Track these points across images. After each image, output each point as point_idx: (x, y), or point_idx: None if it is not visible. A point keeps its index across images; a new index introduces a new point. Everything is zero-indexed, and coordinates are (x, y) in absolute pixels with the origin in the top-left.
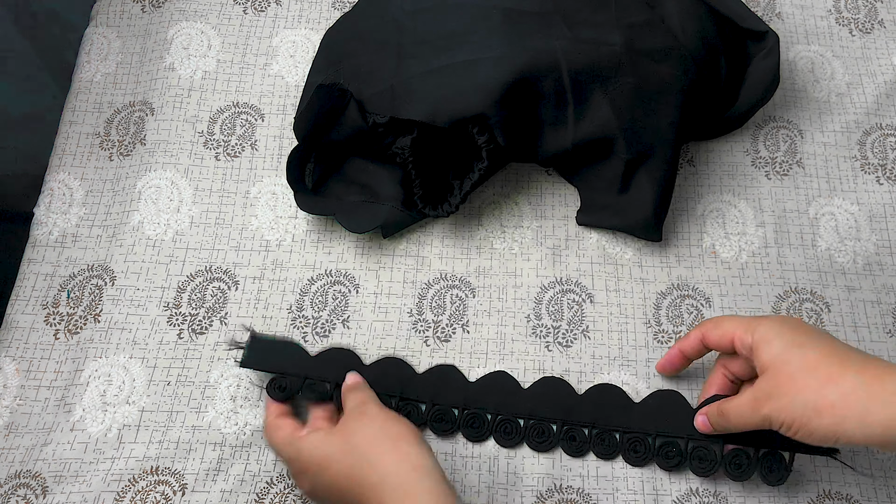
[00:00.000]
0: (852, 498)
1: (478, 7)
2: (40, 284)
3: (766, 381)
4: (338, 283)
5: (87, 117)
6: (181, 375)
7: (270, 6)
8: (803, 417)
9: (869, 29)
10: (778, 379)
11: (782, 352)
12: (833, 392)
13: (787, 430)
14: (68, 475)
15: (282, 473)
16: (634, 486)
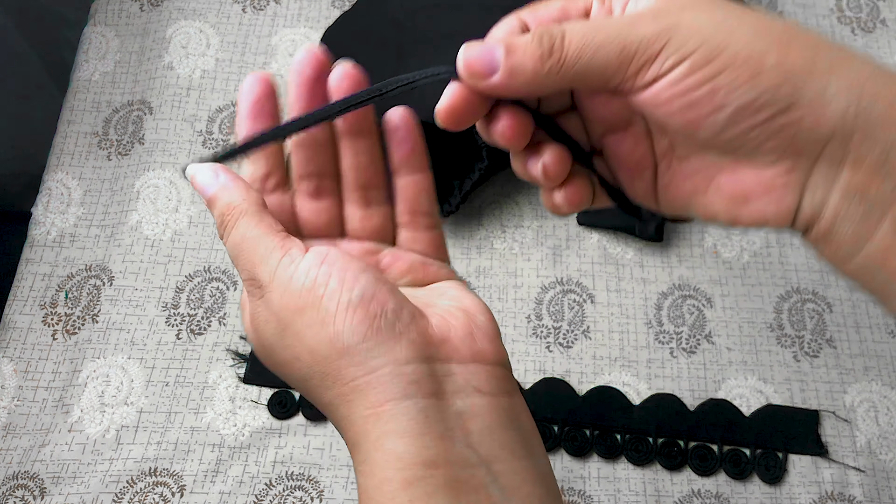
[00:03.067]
0: (854, 499)
1: (478, 6)
2: (38, 284)
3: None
4: None
5: (85, 117)
6: (180, 376)
7: (269, 5)
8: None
9: (871, 28)
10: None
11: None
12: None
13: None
14: (66, 476)
15: (281, 475)
16: (636, 488)
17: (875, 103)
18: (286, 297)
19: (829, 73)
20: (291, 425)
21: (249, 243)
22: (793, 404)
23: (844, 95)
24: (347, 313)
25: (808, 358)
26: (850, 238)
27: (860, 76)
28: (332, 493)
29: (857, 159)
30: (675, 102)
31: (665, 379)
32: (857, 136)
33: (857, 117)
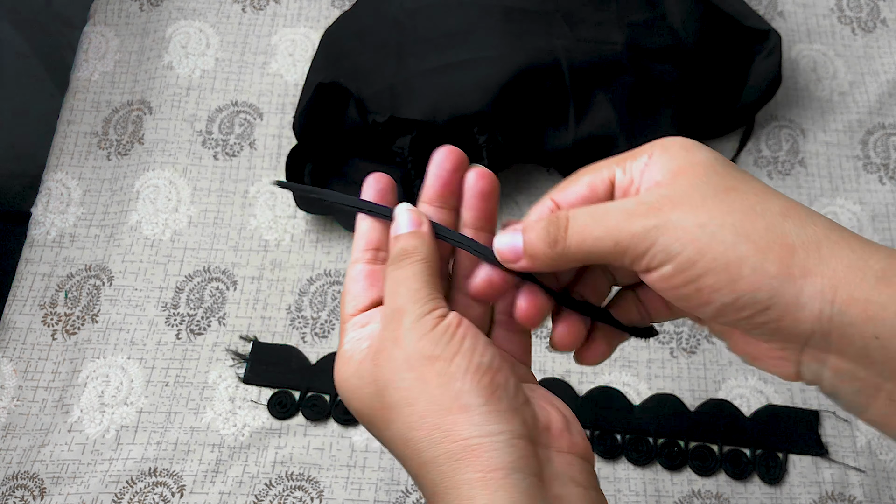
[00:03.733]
0: (854, 499)
1: (478, 6)
2: (38, 284)
3: (665, 188)
4: (337, 284)
5: (84, 116)
6: (179, 376)
7: (269, 4)
8: (726, 246)
9: (871, 28)
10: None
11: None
12: (792, 227)
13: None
14: (66, 476)
15: (280, 475)
16: (636, 488)
17: (848, 308)
18: (423, 342)
19: (804, 278)
20: (291, 425)
21: (414, 283)
22: (793, 404)
23: (818, 300)
24: (476, 374)
25: None
26: (853, 402)
27: (834, 279)
28: (332, 493)
29: (840, 350)
30: (670, 293)
31: (665, 379)
32: (835, 335)
33: (831, 320)
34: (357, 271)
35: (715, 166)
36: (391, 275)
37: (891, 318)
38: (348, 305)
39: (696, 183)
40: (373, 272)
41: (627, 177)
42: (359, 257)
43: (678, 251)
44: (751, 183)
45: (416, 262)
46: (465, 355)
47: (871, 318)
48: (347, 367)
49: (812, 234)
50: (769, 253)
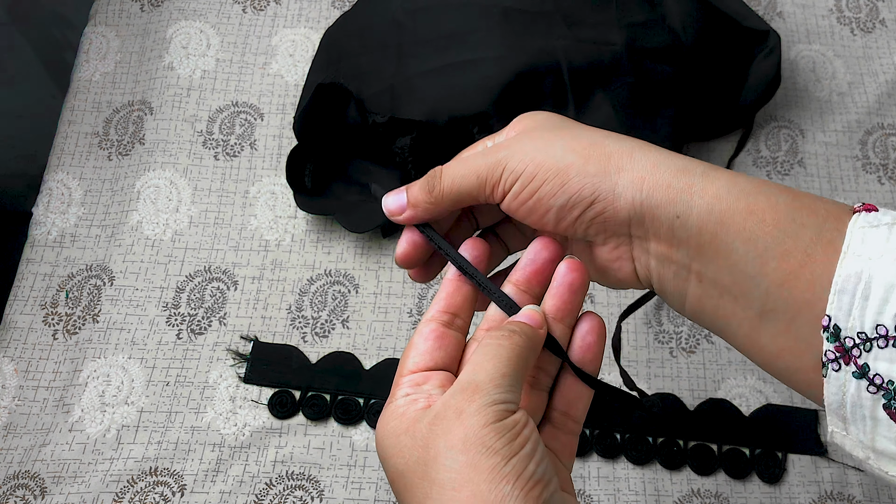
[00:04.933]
0: (854, 498)
1: (478, 6)
2: (39, 284)
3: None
4: (337, 283)
5: (85, 117)
6: (180, 376)
7: (270, 5)
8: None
9: (870, 28)
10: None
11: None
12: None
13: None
14: (67, 476)
15: (281, 475)
16: (636, 487)
17: (653, 192)
18: (486, 431)
19: (618, 173)
20: (292, 425)
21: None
22: (792, 404)
23: (630, 190)
24: (528, 483)
25: None
26: (675, 291)
27: (643, 172)
28: (332, 493)
29: (655, 234)
30: (520, 210)
31: (665, 379)
32: (647, 218)
33: (642, 205)
34: (428, 330)
35: (553, 119)
36: (488, 344)
37: (686, 200)
38: (410, 361)
39: (534, 128)
40: (443, 335)
41: (492, 141)
42: (435, 317)
43: (522, 169)
44: (582, 126)
45: (515, 347)
46: (523, 460)
47: (672, 199)
48: (398, 422)
49: (627, 145)
50: (590, 159)
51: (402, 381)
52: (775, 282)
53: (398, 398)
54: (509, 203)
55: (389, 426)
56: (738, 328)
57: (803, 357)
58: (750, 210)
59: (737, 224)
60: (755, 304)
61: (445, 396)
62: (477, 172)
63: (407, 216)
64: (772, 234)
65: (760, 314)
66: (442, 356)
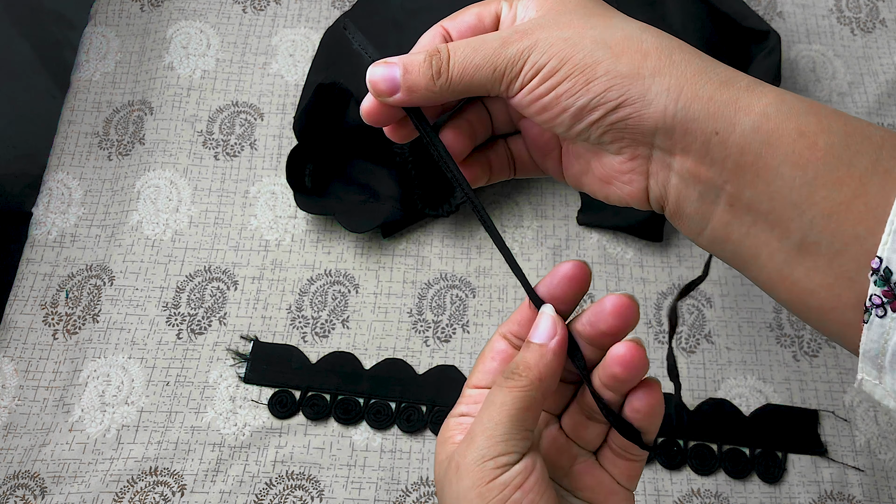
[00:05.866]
0: (853, 498)
1: None
2: (39, 284)
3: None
4: (337, 283)
5: (85, 117)
6: (180, 376)
7: (270, 5)
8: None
9: (870, 28)
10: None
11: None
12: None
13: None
14: (67, 476)
15: (281, 475)
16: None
17: (691, 104)
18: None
19: (653, 77)
20: (292, 425)
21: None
22: (792, 404)
23: (664, 97)
24: None
25: (807, 357)
26: (695, 215)
27: (681, 79)
28: (332, 493)
29: (684, 149)
30: (533, 106)
31: (665, 379)
32: (678, 131)
33: (675, 116)
34: (499, 347)
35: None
36: (493, 391)
37: (730, 115)
38: (476, 374)
39: (563, 11)
40: (508, 354)
41: (511, 13)
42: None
43: (544, 62)
44: (618, 13)
45: (516, 390)
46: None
47: (712, 114)
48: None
49: (667, 44)
50: (622, 56)
51: (466, 394)
52: (823, 212)
53: (456, 415)
54: (522, 98)
55: (439, 447)
56: (769, 260)
57: (842, 296)
58: (800, 131)
59: (785, 146)
60: (795, 235)
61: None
62: (494, 64)
63: (398, 99)
64: (823, 159)
65: (799, 247)
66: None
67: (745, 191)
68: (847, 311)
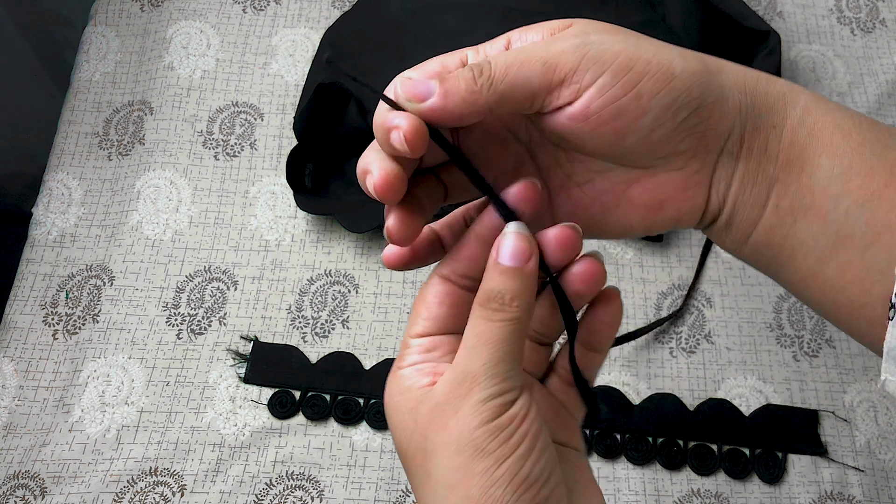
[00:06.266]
0: (854, 498)
1: (478, 6)
2: (39, 284)
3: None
4: (337, 284)
5: (85, 117)
6: (180, 376)
7: (270, 5)
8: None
9: (870, 28)
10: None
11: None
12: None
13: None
14: (67, 476)
15: (281, 475)
16: (636, 487)
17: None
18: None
19: (720, 72)
20: (292, 425)
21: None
22: (792, 404)
23: (736, 92)
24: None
25: (807, 358)
26: (745, 222)
27: (740, 75)
28: (332, 493)
29: (748, 150)
30: (605, 112)
31: (665, 379)
32: (749, 127)
33: (747, 111)
34: (439, 290)
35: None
36: (477, 324)
37: (782, 108)
38: (418, 323)
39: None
40: (457, 299)
41: (481, 56)
42: (451, 277)
43: (612, 59)
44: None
45: (506, 323)
46: (517, 461)
47: (770, 108)
48: (403, 398)
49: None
50: (687, 55)
51: (411, 344)
52: (857, 200)
53: (405, 368)
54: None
55: (396, 400)
56: (803, 261)
57: (872, 290)
58: (836, 124)
59: (825, 137)
60: (831, 229)
61: (445, 384)
62: (544, 57)
63: (432, 105)
64: (857, 150)
65: (835, 241)
66: (452, 322)
67: (790, 186)
68: (876, 307)
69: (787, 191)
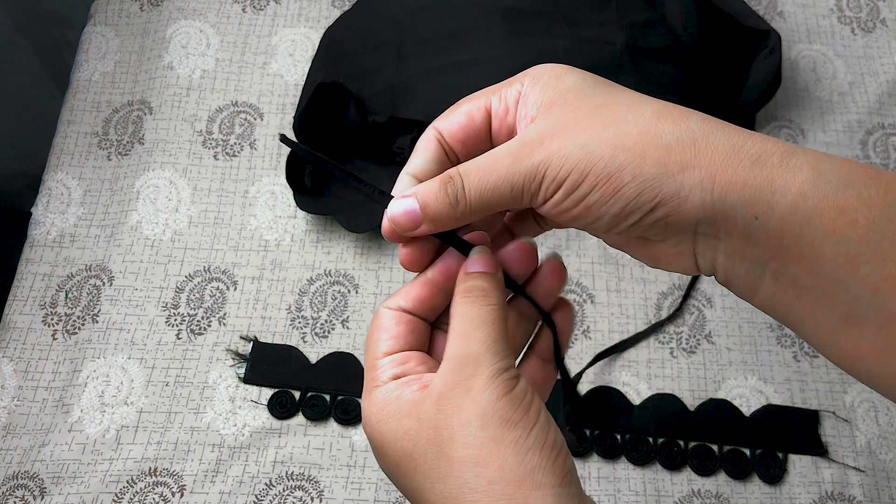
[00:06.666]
0: (854, 498)
1: (478, 6)
2: (38, 284)
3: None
4: (337, 284)
5: (85, 116)
6: (180, 376)
7: (269, 5)
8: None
9: (871, 28)
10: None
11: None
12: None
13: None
14: (66, 476)
15: (281, 475)
16: (636, 488)
17: (727, 192)
18: (501, 404)
19: (682, 171)
20: (291, 425)
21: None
22: (793, 404)
23: (698, 191)
24: (553, 452)
25: (808, 358)
26: (744, 286)
27: (711, 168)
28: (332, 493)
29: (727, 233)
30: (563, 216)
31: (665, 379)
32: (720, 219)
33: (713, 206)
34: (390, 314)
35: (584, 88)
36: (466, 310)
37: (767, 199)
38: (382, 344)
39: (569, 110)
40: (411, 321)
41: (503, 105)
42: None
43: (565, 175)
44: (621, 95)
45: (493, 307)
46: (543, 429)
47: (748, 200)
48: (395, 406)
49: (686, 130)
50: (646, 157)
51: (382, 364)
52: (868, 287)
53: (386, 381)
54: (549, 210)
55: (386, 410)
56: (815, 328)
57: (891, 362)
58: (840, 209)
59: (825, 226)
60: (840, 308)
61: (445, 374)
62: (511, 182)
63: (424, 231)
64: (865, 236)
65: (846, 319)
66: (414, 340)
67: (788, 267)
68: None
69: (785, 270)
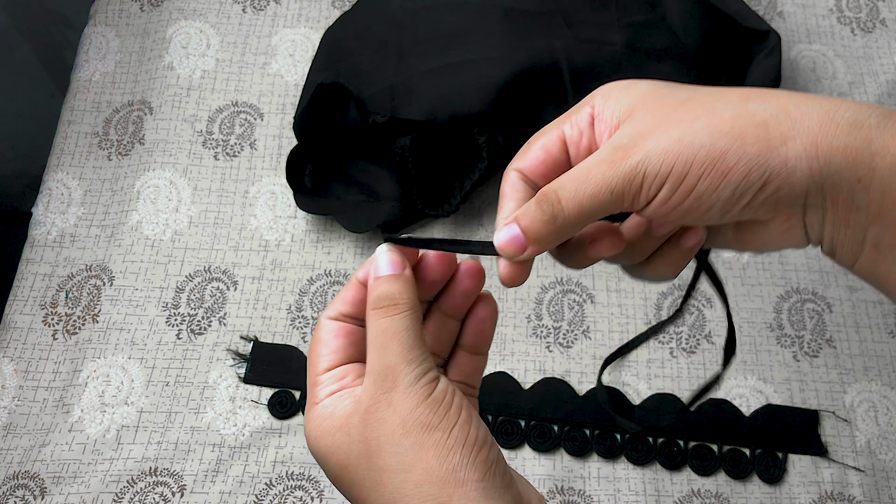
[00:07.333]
0: (854, 498)
1: (478, 6)
2: (38, 284)
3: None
4: (337, 284)
5: (85, 117)
6: (180, 376)
7: (269, 5)
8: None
9: (871, 28)
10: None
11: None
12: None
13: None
14: (67, 476)
15: (281, 475)
16: (636, 488)
17: (831, 158)
18: (420, 410)
19: (784, 145)
20: (291, 425)
21: (406, 339)
22: (792, 404)
23: (804, 159)
24: (474, 449)
25: (807, 358)
26: (847, 254)
27: (811, 135)
28: (332, 493)
29: (833, 201)
30: (673, 213)
31: (665, 379)
32: (827, 186)
33: (820, 173)
34: (333, 326)
35: (659, 90)
36: (378, 324)
37: (867, 161)
38: (322, 360)
39: (653, 110)
40: (351, 330)
41: (576, 130)
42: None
43: (667, 171)
44: (700, 90)
45: (404, 315)
46: (463, 428)
47: (851, 163)
48: (329, 423)
49: (778, 105)
50: (746, 137)
51: (320, 380)
52: None
53: (322, 399)
54: (658, 209)
55: (322, 427)
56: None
57: None
58: None
59: None
60: None
61: (368, 389)
62: (610, 188)
63: (532, 252)
64: None
65: None
66: (353, 351)
67: (887, 232)
68: None
69: (885, 236)
